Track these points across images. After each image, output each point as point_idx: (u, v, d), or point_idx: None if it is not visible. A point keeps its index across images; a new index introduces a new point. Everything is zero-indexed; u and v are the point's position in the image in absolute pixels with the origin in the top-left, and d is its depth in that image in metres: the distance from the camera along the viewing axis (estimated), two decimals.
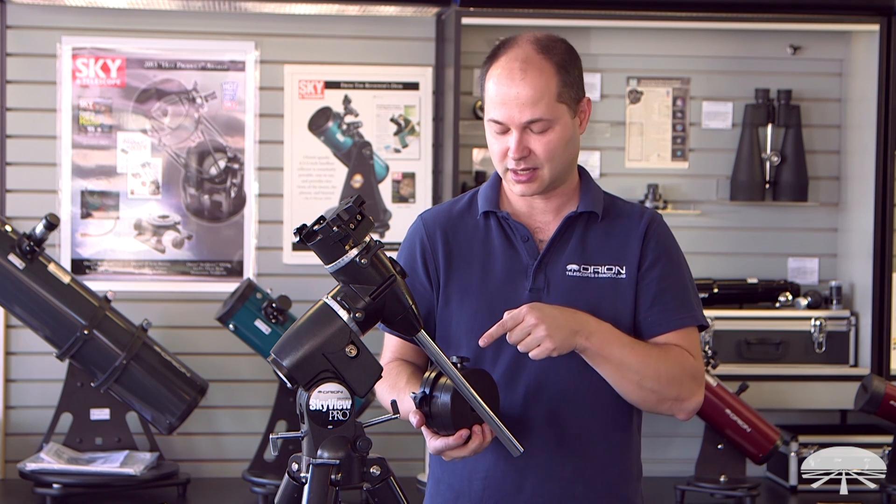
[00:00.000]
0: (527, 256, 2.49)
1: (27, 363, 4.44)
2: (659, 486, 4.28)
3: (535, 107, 2.39)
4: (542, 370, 2.44)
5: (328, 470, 2.10)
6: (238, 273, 4.52)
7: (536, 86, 2.39)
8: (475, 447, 2.32)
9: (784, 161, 4.59)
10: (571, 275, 2.47)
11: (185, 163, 4.52)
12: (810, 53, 4.67)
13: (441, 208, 2.61)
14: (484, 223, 2.53)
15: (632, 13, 4.41)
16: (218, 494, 4.27)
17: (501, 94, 2.41)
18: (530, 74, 2.39)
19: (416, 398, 2.33)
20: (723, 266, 4.64)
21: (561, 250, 2.49)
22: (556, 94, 2.40)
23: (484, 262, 2.50)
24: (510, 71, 2.40)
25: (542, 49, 2.42)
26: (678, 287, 2.49)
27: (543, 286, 2.46)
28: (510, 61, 2.41)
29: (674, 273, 2.50)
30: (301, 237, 2.12)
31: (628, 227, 2.51)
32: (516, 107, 2.39)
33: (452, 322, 2.49)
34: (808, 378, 4.46)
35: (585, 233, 2.50)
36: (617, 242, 2.49)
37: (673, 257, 2.51)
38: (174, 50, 4.51)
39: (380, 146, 4.58)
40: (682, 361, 2.45)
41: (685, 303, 2.49)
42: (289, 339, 2.13)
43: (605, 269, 2.48)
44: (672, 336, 2.47)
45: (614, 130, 4.64)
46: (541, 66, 2.40)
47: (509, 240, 2.51)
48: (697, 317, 2.51)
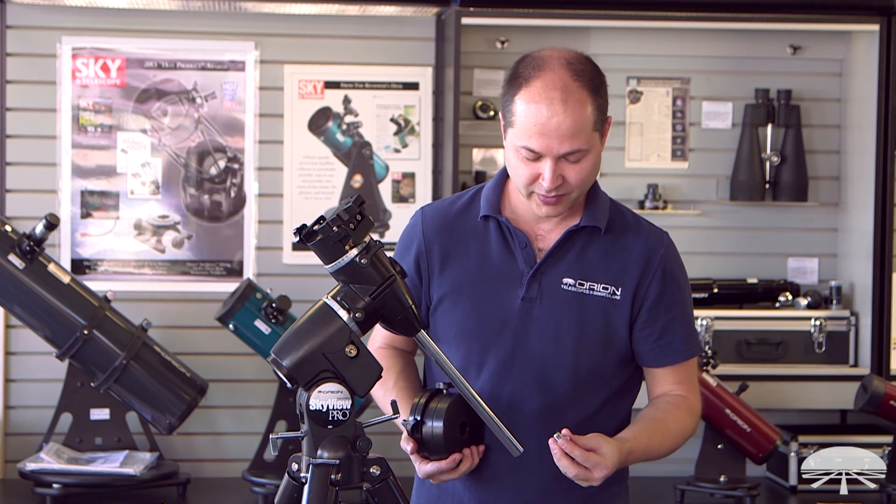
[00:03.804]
0: (523, 263, 2.46)
1: (27, 363, 4.44)
2: (659, 486, 4.28)
3: (575, 139, 2.33)
4: (530, 379, 2.44)
5: (328, 470, 2.10)
6: (238, 273, 4.52)
7: (578, 118, 2.32)
8: (465, 469, 2.37)
9: (784, 161, 4.59)
10: (566, 289, 2.45)
11: (185, 163, 4.52)
12: (810, 53, 4.67)
13: (442, 205, 2.58)
14: (483, 225, 2.51)
15: (632, 13, 4.41)
16: (218, 494, 4.27)
17: (540, 125, 2.32)
18: (571, 105, 2.32)
19: (408, 426, 2.35)
20: (723, 266, 4.64)
21: (559, 262, 2.46)
22: (593, 123, 2.35)
23: (479, 265, 2.48)
24: (549, 101, 2.31)
25: (577, 75, 2.34)
26: (683, 320, 2.50)
27: (536, 297, 2.44)
28: (548, 89, 2.32)
29: (679, 305, 2.49)
30: (301, 237, 2.12)
31: (631, 247, 2.47)
32: (556, 138, 2.32)
33: (444, 323, 2.49)
34: (807, 378, 4.46)
35: (586, 247, 2.47)
36: (617, 262, 2.46)
37: (679, 288, 2.50)
38: (174, 50, 4.51)
39: (380, 146, 4.58)
40: (689, 409, 2.52)
41: (688, 336, 2.51)
42: (289, 339, 2.13)
43: (601, 287, 2.45)
44: (673, 371, 2.51)
45: (614, 130, 4.61)
46: (579, 96, 2.33)
47: (507, 245, 2.48)
48: (694, 348, 2.54)
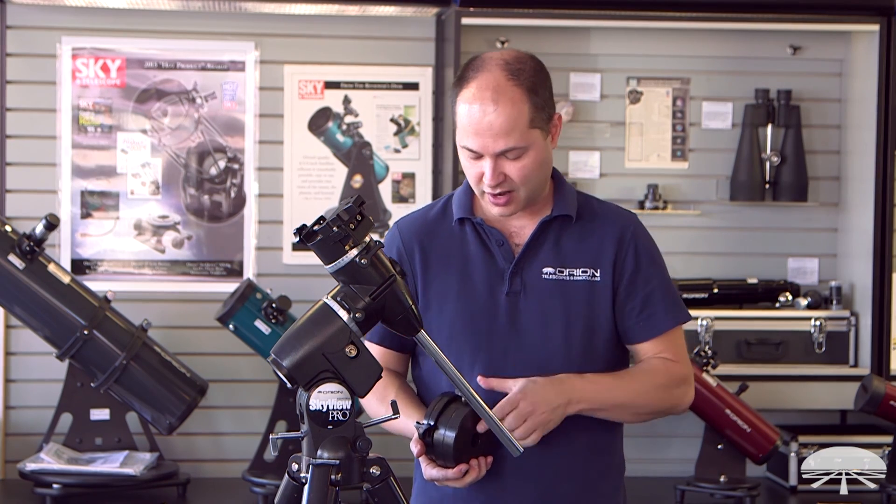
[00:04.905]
0: (503, 260, 2.52)
1: (27, 363, 4.44)
2: (659, 486, 4.28)
3: (509, 136, 2.39)
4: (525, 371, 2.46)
5: (328, 470, 2.10)
6: (238, 273, 4.52)
7: (509, 115, 2.38)
8: (471, 480, 2.40)
9: (784, 161, 4.59)
10: (547, 278, 2.50)
11: (185, 163, 4.52)
12: (810, 53, 4.67)
13: (416, 215, 2.63)
14: (459, 229, 2.56)
15: (632, 13, 4.41)
16: (218, 495, 4.27)
17: (475, 124, 2.40)
18: (502, 104, 2.38)
19: (421, 429, 2.38)
20: (723, 266, 4.63)
21: (536, 254, 2.52)
22: (529, 121, 2.40)
23: (461, 269, 2.53)
24: (482, 101, 2.39)
25: (513, 74, 2.40)
26: (660, 290, 2.54)
27: (520, 289, 2.50)
28: (481, 89, 2.39)
29: (655, 276, 2.54)
30: (301, 237, 2.13)
31: (603, 229, 2.53)
32: (490, 136, 2.39)
33: (432, 330, 2.48)
34: (807, 378, 4.46)
35: (560, 236, 2.53)
36: (592, 245, 2.52)
37: (654, 261, 2.55)
38: (174, 50, 4.51)
39: (380, 146, 4.58)
40: (668, 374, 2.52)
41: (668, 305, 2.54)
42: (289, 339, 2.14)
43: (580, 271, 2.51)
44: (658, 342, 2.53)
45: (614, 130, 4.64)
46: (512, 95, 2.39)
47: (485, 245, 2.53)
48: (678, 316, 2.56)
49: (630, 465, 2.69)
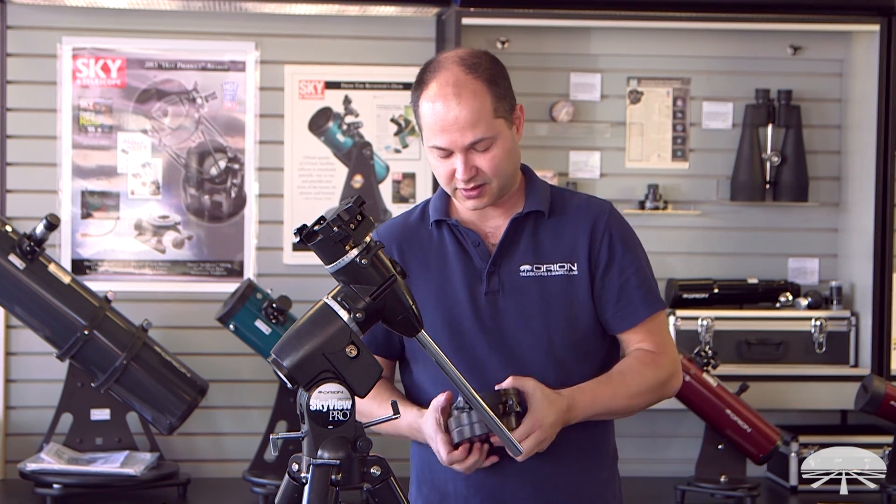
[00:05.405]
0: (479, 260, 2.54)
1: (27, 363, 4.44)
2: (659, 486, 4.28)
3: (476, 128, 2.43)
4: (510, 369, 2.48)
5: (328, 470, 2.10)
6: (238, 273, 4.52)
7: (472, 107, 2.43)
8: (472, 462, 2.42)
9: (784, 161, 4.59)
10: (525, 275, 2.53)
11: (186, 163, 4.52)
12: (810, 53, 4.67)
13: (395, 221, 2.67)
14: (437, 233, 2.59)
15: (632, 13, 4.41)
16: (218, 495, 4.27)
17: (441, 121, 2.44)
18: (465, 98, 2.43)
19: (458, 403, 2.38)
20: (723, 266, 4.63)
21: (513, 251, 2.54)
22: (493, 111, 2.45)
23: (440, 271, 2.56)
24: (444, 97, 2.44)
25: (470, 68, 2.45)
26: (638, 278, 2.56)
27: (498, 288, 2.53)
28: (442, 87, 2.44)
29: (630, 265, 2.56)
30: (301, 237, 2.13)
31: (576, 222, 2.56)
32: (457, 131, 2.43)
33: None
34: (808, 378, 4.46)
35: (535, 232, 2.56)
36: (567, 239, 2.55)
37: (628, 249, 2.57)
38: (174, 50, 4.51)
39: (380, 146, 4.58)
40: (656, 369, 2.54)
41: (646, 293, 2.56)
42: (289, 339, 2.14)
43: (557, 266, 2.54)
44: (639, 330, 2.55)
45: (614, 131, 4.64)
46: (473, 87, 2.44)
47: (462, 246, 2.56)
48: (656, 304, 2.58)
49: (630, 465, 2.71)
